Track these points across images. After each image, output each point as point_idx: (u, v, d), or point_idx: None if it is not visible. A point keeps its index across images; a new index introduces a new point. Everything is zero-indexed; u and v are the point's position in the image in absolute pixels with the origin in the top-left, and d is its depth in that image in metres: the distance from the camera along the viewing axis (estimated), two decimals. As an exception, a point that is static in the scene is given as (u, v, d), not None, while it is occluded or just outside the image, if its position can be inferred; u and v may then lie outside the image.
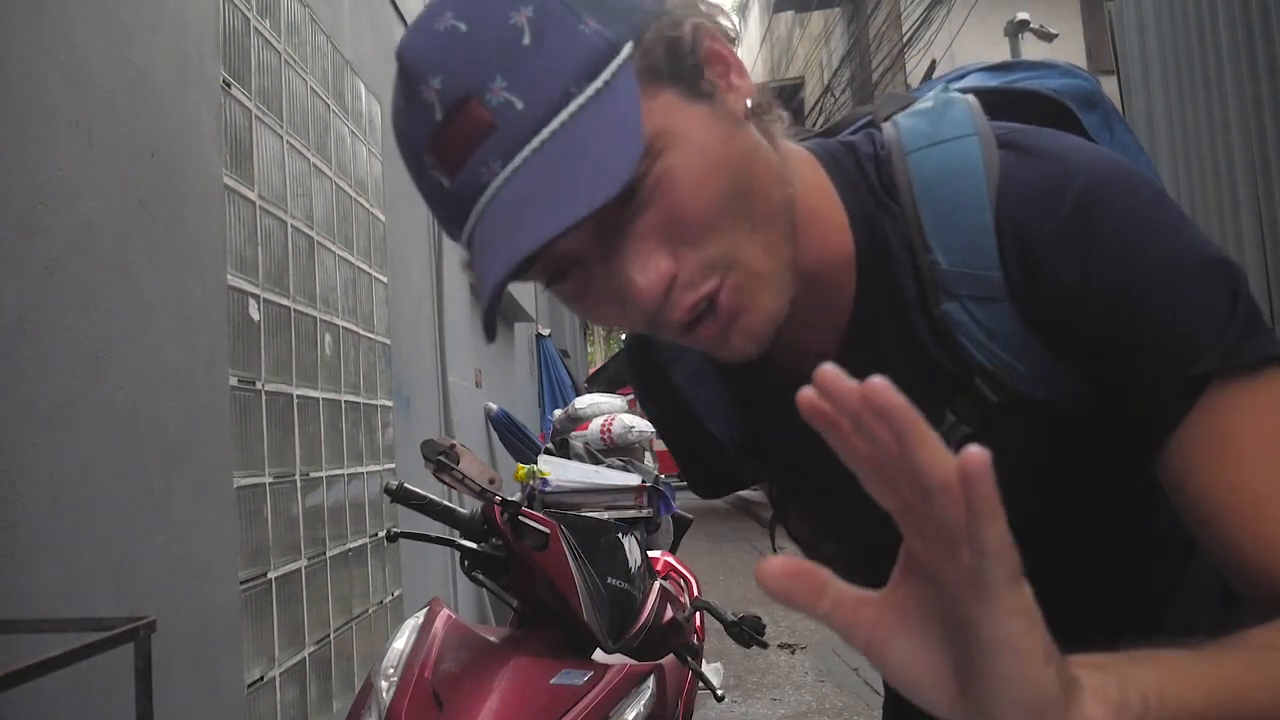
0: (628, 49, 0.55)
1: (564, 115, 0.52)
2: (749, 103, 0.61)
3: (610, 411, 5.05)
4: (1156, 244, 0.59)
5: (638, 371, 0.89)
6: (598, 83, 0.53)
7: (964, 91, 0.73)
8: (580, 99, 0.53)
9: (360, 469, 3.11)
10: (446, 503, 1.87)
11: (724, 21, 0.62)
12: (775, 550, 0.89)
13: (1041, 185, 0.62)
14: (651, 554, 2.22)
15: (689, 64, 0.58)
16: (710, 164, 0.57)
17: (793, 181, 0.64)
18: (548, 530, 1.70)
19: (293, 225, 2.60)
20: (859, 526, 0.79)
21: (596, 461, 4.63)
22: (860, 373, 0.69)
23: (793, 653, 4.91)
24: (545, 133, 0.52)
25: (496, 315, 0.56)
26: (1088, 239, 0.59)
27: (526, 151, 0.52)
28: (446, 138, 0.54)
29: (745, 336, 0.60)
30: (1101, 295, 0.59)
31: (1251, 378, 0.57)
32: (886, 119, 0.72)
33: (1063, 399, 0.64)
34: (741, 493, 1.04)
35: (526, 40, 0.53)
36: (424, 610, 1.78)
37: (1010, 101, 0.75)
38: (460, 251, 0.68)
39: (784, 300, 0.61)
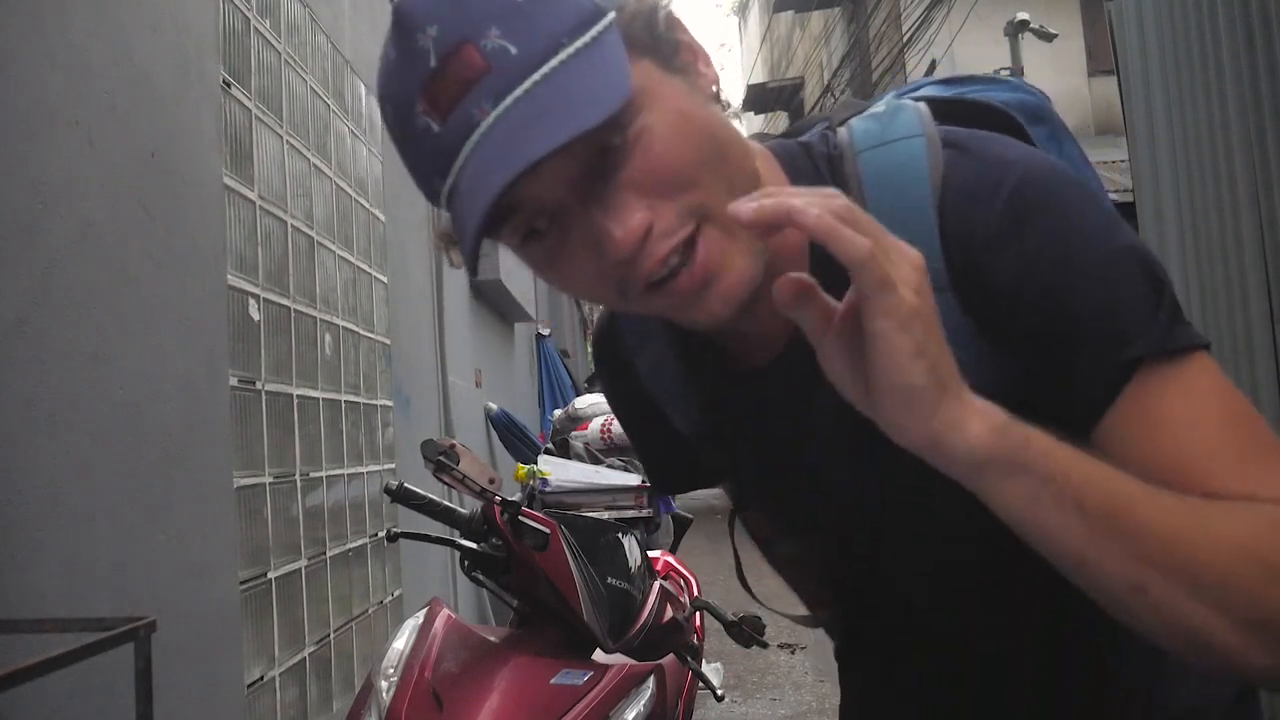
0: (612, 15, 0.59)
1: (555, 61, 0.55)
2: (715, 89, 0.65)
3: (610, 411, 5.04)
4: (1086, 238, 0.63)
5: (603, 366, 0.91)
6: (586, 37, 0.56)
7: (920, 100, 0.77)
8: (571, 49, 0.56)
9: (360, 469, 3.11)
10: (446, 503, 1.87)
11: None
12: (735, 548, 0.91)
13: (978, 181, 0.65)
14: (651, 554, 2.22)
15: (665, 40, 0.62)
16: (687, 124, 0.60)
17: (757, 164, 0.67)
18: (548, 530, 1.70)
19: (293, 225, 2.60)
20: (814, 519, 0.80)
21: (596, 461, 4.64)
22: (813, 362, 0.71)
23: (793, 653, 4.92)
24: (537, 75, 0.55)
25: (481, 244, 0.58)
26: (1020, 233, 0.63)
27: (519, 91, 0.55)
28: (440, 82, 0.56)
29: (721, 298, 0.61)
30: (1035, 287, 0.63)
31: (1175, 363, 0.62)
32: (842, 123, 0.75)
33: (1000, 387, 0.66)
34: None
35: None
36: (424, 610, 1.78)
37: (961, 111, 0.78)
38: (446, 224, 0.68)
39: (759, 265, 0.63)
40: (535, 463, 4.37)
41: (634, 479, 4.31)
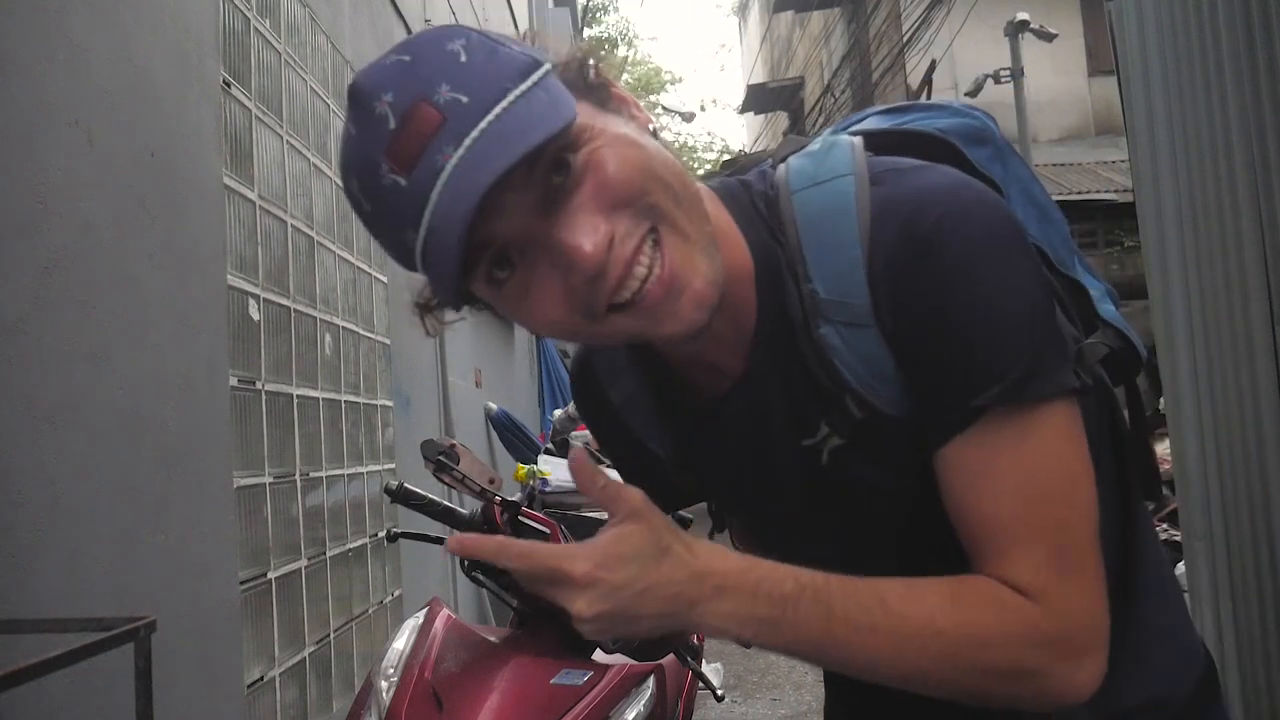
0: (549, 65, 0.64)
1: (505, 102, 0.60)
2: (652, 128, 0.70)
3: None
4: (977, 280, 0.66)
5: (581, 393, 0.95)
6: (529, 82, 0.62)
7: (860, 133, 0.81)
8: (517, 91, 0.61)
9: (360, 469, 3.11)
10: (446, 503, 1.87)
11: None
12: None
13: (899, 214, 0.68)
14: (651, 554, 2.22)
15: (598, 86, 0.68)
16: (631, 147, 0.65)
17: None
18: (548, 530, 1.70)
19: (293, 225, 2.60)
20: (786, 538, 0.83)
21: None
22: (765, 389, 0.76)
23: (793, 653, 4.91)
24: (491, 116, 0.60)
25: (461, 266, 0.61)
26: (925, 267, 0.67)
27: (475, 133, 0.59)
28: (402, 139, 0.60)
29: (694, 302, 0.65)
30: (928, 320, 0.67)
31: (1025, 412, 0.66)
32: (783, 160, 0.79)
33: (915, 416, 0.71)
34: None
35: (463, 59, 0.62)
36: (424, 610, 1.78)
37: (899, 142, 0.81)
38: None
39: (719, 268, 0.67)
40: (535, 463, 4.36)
41: (634, 479, 4.30)
